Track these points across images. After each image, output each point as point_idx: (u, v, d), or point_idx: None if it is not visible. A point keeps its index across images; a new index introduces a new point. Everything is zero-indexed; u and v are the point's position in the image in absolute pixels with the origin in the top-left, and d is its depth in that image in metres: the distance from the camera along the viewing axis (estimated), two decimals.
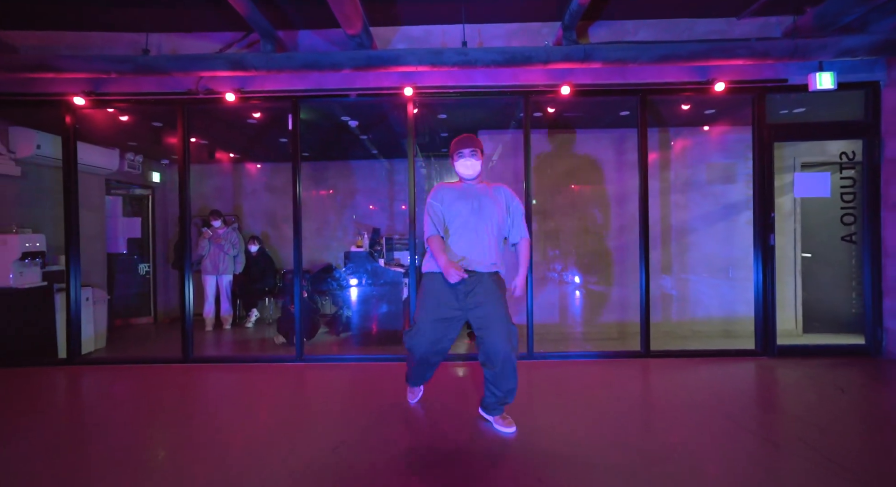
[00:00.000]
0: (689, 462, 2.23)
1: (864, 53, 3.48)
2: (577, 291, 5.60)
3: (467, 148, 2.63)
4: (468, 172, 2.65)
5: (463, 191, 2.63)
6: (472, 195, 2.61)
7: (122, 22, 3.93)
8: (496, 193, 2.67)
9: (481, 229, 2.56)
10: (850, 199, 4.11)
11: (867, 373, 3.57)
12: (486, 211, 2.58)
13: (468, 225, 2.55)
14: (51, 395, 3.50)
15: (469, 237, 2.55)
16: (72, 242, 4.19)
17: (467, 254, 2.54)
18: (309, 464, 2.24)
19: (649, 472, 2.14)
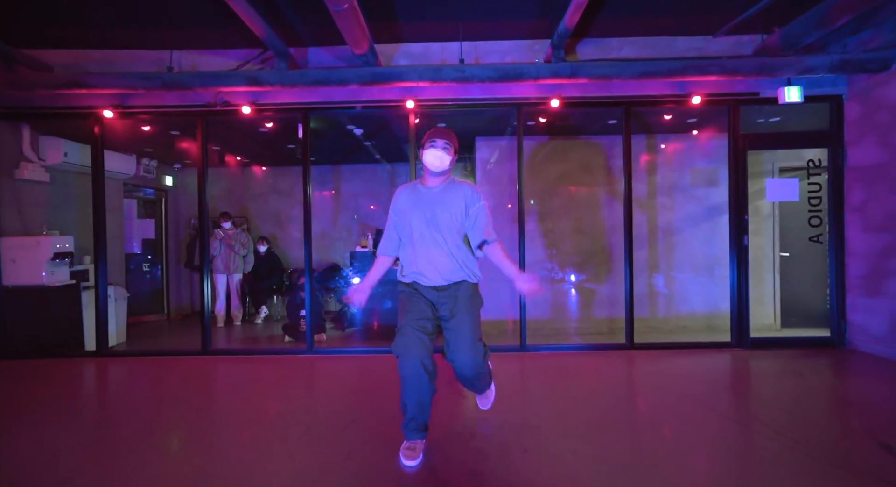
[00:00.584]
0: (655, 434, 2.58)
1: (824, 71, 3.83)
2: (569, 288, 5.95)
3: (441, 139, 2.38)
4: (435, 164, 2.37)
5: (419, 197, 2.42)
6: (428, 203, 2.39)
7: (147, 41, 4.27)
8: (455, 195, 2.40)
9: (439, 241, 2.35)
10: (817, 203, 4.46)
11: (830, 362, 3.92)
12: (442, 221, 2.35)
13: (424, 239, 2.36)
14: (90, 382, 3.85)
15: (427, 252, 2.36)
16: (100, 243, 4.53)
17: (426, 270, 2.36)
18: (323, 438, 2.58)
19: (619, 440, 2.49)
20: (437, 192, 2.42)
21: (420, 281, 2.40)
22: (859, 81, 4.15)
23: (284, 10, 3.75)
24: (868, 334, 4.10)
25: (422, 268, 2.36)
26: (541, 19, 3.98)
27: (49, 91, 3.96)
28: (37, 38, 4.12)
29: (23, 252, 4.45)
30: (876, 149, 4.00)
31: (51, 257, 4.51)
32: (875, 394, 3.18)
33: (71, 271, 4.79)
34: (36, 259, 4.46)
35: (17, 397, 3.38)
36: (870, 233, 4.07)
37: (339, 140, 6.19)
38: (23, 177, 4.68)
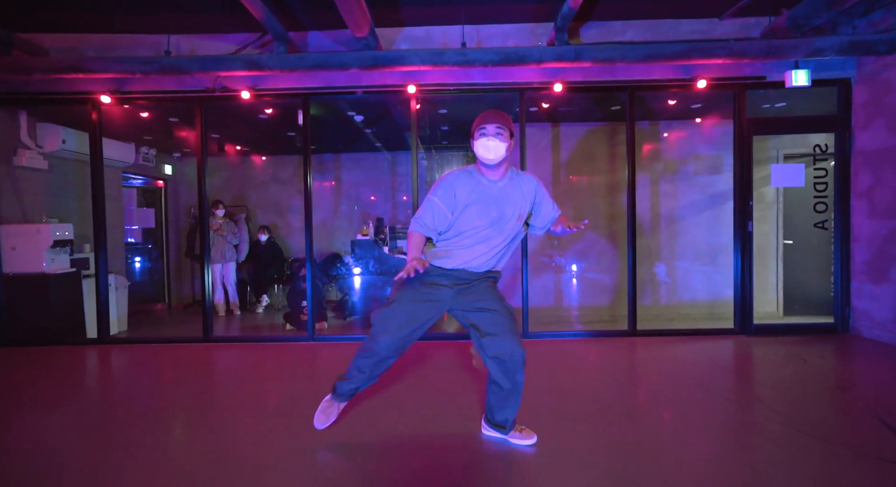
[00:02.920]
0: (660, 418, 2.56)
1: (834, 53, 3.76)
2: (571, 276, 5.93)
3: (492, 123, 2.07)
4: (489, 156, 2.07)
5: (483, 190, 2.12)
6: (494, 200, 2.12)
7: (145, 25, 4.21)
8: (521, 190, 2.18)
9: (496, 243, 2.15)
10: (823, 188, 4.41)
11: (833, 347, 3.91)
12: (509, 220, 2.13)
13: (480, 237, 2.13)
14: (92, 368, 3.84)
15: (480, 250, 2.14)
16: (99, 231, 4.51)
17: (471, 263, 2.16)
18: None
19: (626, 425, 2.48)
20: (502, 186, 2.14)
21: (457, 269, 2.16)
22: (868, 64, 4.08)
23: None
24: (872, 320, 4.08)
25: (469, 262, 2.15)
26: (544, 2, 3.91)
27: (46, 75, 3.91)
28: (33, 21, 4.06)
29: (23, 240, 4.43)
30: (884, 133, 3.95)
31: (51, 244, 4.48)
32: (879, 378, 3.17)
33: (71, 259, 4.77)
34: (36, 247, 4.43)
35: (19, 383, 3.38)
36: (876, 219, 4.03)
37: (340, 128, 6.14)
38: (21, 164, 4.64)
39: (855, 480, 1.91)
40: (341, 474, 2.07)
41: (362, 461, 2.15)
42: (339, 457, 2.19)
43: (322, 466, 2.12)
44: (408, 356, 3.59)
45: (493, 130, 2.06)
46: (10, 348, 4.31)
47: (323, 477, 2.02)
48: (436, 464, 2.09)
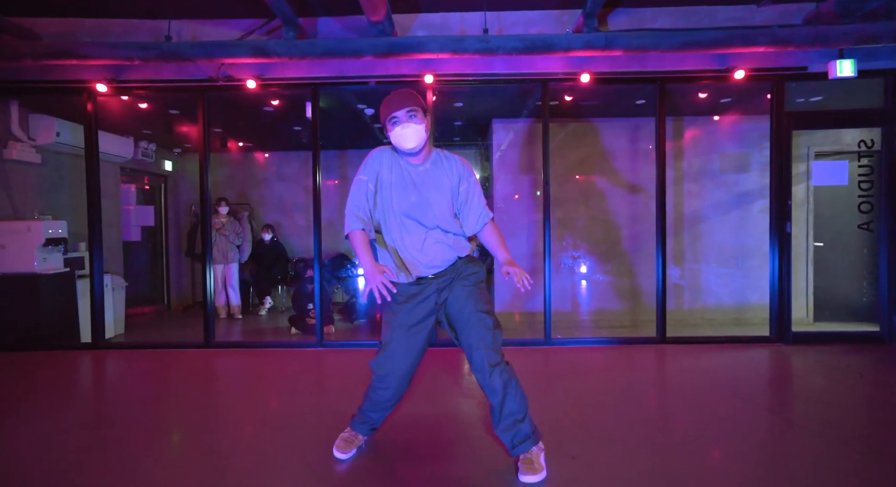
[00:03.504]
0: (711, 440, 2.28)
1: (890, 40, 3.48)
2: (590, 279, 5.65)
3: (402, 108, 1.85)
4: (410, 145, 1.87)
5: (403, 175, 1.93)
6: (413, 184, 1.92)
7: (143, 9, 3.94)
8: (445, 172, 1.97)
9: (424, 229, 1.93)
10: (868, 187, 4.13)
11: (884, 358, 3.62)
12: (433, 211, 1.92)
13: (406, 227, 1.92)
14: (83, 377, 3.57)
15: (414, 239, 1.92)
16: (94, 229, 4.24)
17: (416, 258, 1.92)
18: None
19: (674, 447, 2.20)
20: (423, 170, 1.95)
21: (402, 280, 1.93)
22: None
23: None
24: None
25: (411, 256, 1.92)
26: None
27: (37, 61, 3.63)
28: (24, 4, 3.79)
29: (13, 238, 4.16)
30: None
31: (43, 243, 4.21)
32: None
33: (65, 259, 4.50)
34: (27, 245, 4.17)
35: (9, 390, 3.10)
36: None
37: (347, 123, 5.87)
38: (11, 157, 4.37)
39: None
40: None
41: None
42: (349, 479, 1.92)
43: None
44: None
45: (404, 115, 1.85)
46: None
47: None
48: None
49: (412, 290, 1.95)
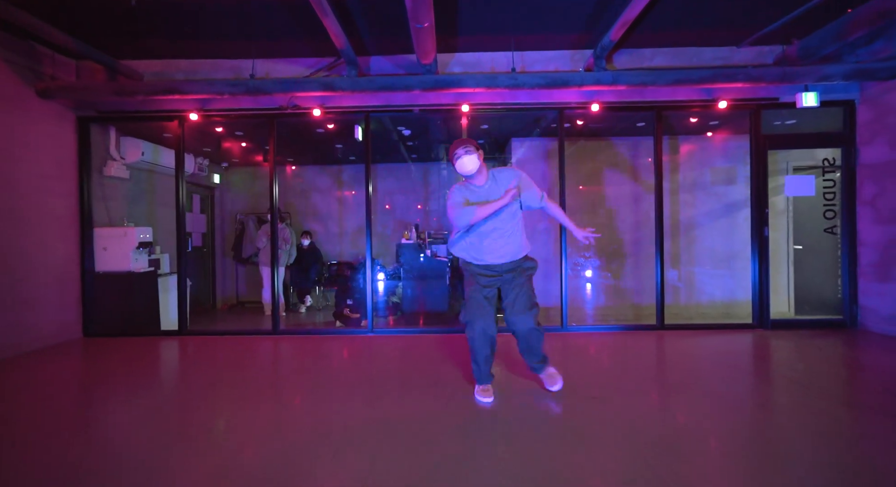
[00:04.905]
0: (698, 393, 3.04)
1: (840, 79, 4.29)
2: (598, 278, 6.41)
3: (460, 148, 2.74)
4: (469, 168, 2.74)
5: (475, 195, 2.80)
6: (486, 199, 2.78)
7: (226, 50, 4.75)
8: (503, 182, 2.83)
9: (508, 231, 2.82)
10: (831, 197, 4.91)
11: (843, 339, 4.38)
12: (504, 214, 2.80)
13: (495, 231, 2.80)
14: (185, 355, 4.31)
15: (499, 242, 2.82)
16: (181, 236, 5.01)
17: (500, 256, 2.84)
18: (408, 393, 3.05)
19: (668, 393, 2.95)
20: (487, 187, 2.83)
21: (485, 262, 2.85)
22: (870, 88, 4.61)
23: (359, 24, 4.22)
24: (879, 315, 4.55)
25: (486, 256, 2.83)
26: (584, 33, 4.45)
27: (147, 97, 4.43)
28: (133, 49, 4.60)
29: (112, 241, 4.93)
30: (886, 148, 4.46)
31: (136, 246, 4.98)
32: (882, 359, 3.65)
33: (149, 260, 5.26)
34: (123, 248, 4.93)
35: (128, 368, 3.85)
36: (880, 225, 4.53)
37: (380, 142, 6.66)
38: (109, 174, 5.16)
39: (860, 430, 2.38)
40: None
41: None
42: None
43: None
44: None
45: (462, 152, 2.74)
46: (100, 338, 4.79)
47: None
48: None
49: (486, 271, 2.87)
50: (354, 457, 2.16)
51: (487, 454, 2.18)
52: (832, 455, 2.12)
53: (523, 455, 2.16)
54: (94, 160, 5.03)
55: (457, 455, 2.16)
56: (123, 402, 2.96)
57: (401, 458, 2.14)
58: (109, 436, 2.47)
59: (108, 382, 3.41)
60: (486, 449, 2.23)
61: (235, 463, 2.12)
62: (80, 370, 3.79)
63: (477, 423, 2.54)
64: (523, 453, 2.18)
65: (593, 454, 2.17)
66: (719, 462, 2.11)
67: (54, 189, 4.58)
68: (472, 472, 2.02)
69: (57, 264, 4.58)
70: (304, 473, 2.03)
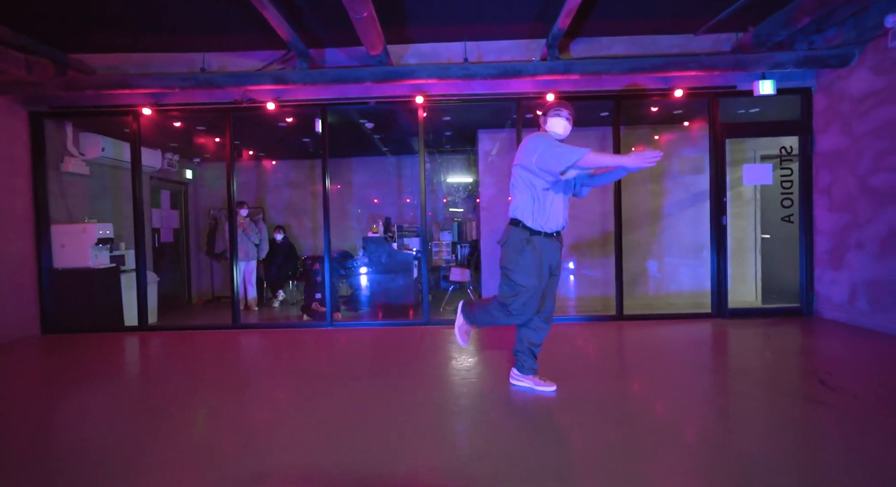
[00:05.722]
0: (635, 378, 3.05)
1: (792, 66, 4.26)
2: (565, 269, 6.41)
3: (566, 109, 2.67)
4: (561, 132, 2.68)
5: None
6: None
7: (179, 44, 4.71)
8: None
9: (568, 195, 2.74)
10: (789, 186, 4.90)
11: (795, 326, 4.39)
12: (571, 182, 2.72)
13: (560, 198, 2.68)
14: (144, 350, 4.33)
15: (560, 202, 2.68)
16: (139, 231, 5.00)
17: (560, 222, 2.69)
18: (351, 387, 3.06)
19: (613, 386, 2.96)
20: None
21: (546, 229, 2.64)
22: (825, 75, 4.58)
23: (306, 16, 4.18)
24: (832, 303, 4.56)
25: (551, 221, 2.65)
26: (537, 22, 4.41)
27: (96, 91, 4.41)
28: (83, 43, 4.56)
29: (70, 238, 4.92)
30: (839, 136, 4.44)
31: (95, 242, 4.97)
32: (825, 348, 3.67)
33: (110, 256, 5.25)
34: (82, 244, 4.93)
35: (81, 365, 3.86)
36: (834, 212, 4.52)
37: (350, 134, 6.63)
38: (67, 170, 5.14)
39: (784, 412, 2.39)
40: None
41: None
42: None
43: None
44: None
45: (567, 115, 2.69)
46: (59, 334, 4.80)
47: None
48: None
49: (550, 245, 2.69)
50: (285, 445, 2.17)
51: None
52: (731, 441, 2.12)
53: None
54: (51, 156, 5.01)
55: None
56: (67, 398, 2.97)
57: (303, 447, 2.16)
58: (54, 432, 2.48)
59: (53, 378, 3.42)
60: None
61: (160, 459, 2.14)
62: (29, 366, 3.80)
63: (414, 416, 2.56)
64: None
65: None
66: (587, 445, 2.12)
67: (7, 185, 4.57)
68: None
69: (11, 261, 4.57)
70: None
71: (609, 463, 1.95)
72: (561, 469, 1.90)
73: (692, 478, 1.84)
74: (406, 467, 1.96)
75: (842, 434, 2.16)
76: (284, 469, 1.97)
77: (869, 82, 4.06)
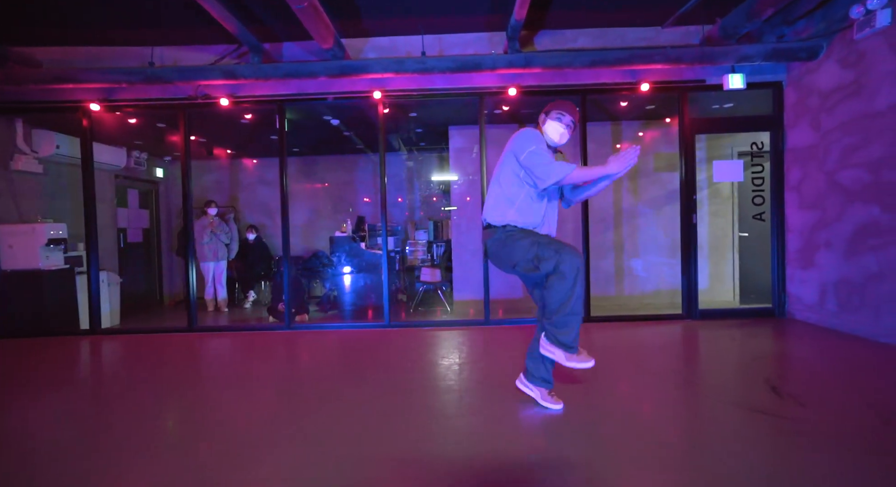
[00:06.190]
0: (593, 385, 2.91)
1: (760, 59, 4.10)
2: None
3: (570, 116, 2.38)
4: (557, 140, 2.41)
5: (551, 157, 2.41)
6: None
7: (130, 38, 4.55)
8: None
9: (555, 203, 2.54)
10: (760, 183, 4.75)
11: (764, 328, 4.24)
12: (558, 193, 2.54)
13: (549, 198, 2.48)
14: (78, 357, 4.18)
15: (548, 209, 2.48)
16: (90, 230, 4.85)
17: (550, 224, 2.51)
18: (293, 392, 2.91)
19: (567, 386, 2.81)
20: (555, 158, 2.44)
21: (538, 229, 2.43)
22: (796, 69, 4.43)
23: (255, 9, 4.02)
24: (802, 303, 4.41)
25: (542, 225, 2.44)
26: (495, 13, 4.25)
27: (39, 86, 4.25)
28: (27, 35, 4.40)
29: (19, 239, 4.76)
30: (809, 131, 4.29)
31: (45, 243, 4.81)
32: (787, 351, 3.52)
33: (65, 257, 5.10)
34: (31, 245, 4.77)
35: (16, 370, 3.72)
36: (804, 210, 4.37)
37: (322, 131, 6.48)
38: (17, 168, 4.98)
39: (727, 424, 2.25)
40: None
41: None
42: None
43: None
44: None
45: (570, 121, 2.39)
46: (10, 338, 4.65)
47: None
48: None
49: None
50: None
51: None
52: (646, 454, 1.98)
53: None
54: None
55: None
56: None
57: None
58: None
59: None
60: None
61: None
62: None
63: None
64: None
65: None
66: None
67: None
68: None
69: None
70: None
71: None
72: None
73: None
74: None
75: (770, 447, 2.01)
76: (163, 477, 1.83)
77: (837, 76, 3.91)
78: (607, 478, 1.82)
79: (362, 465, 1.96)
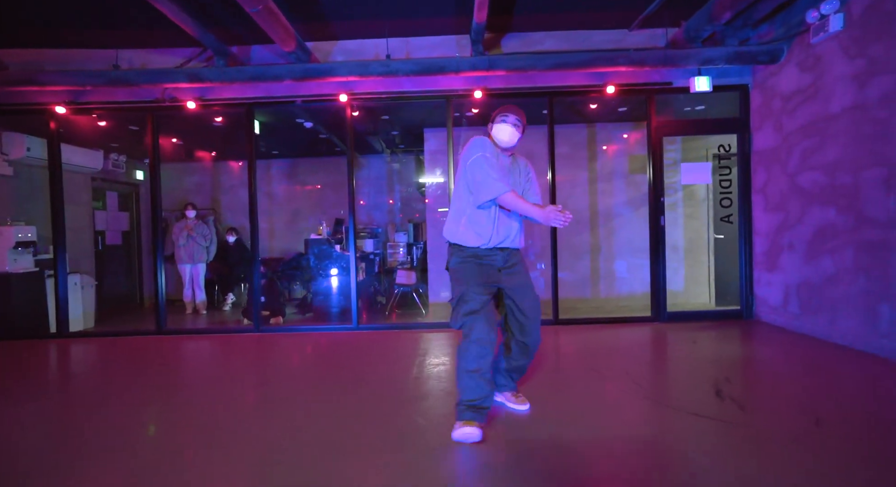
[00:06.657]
0: (547, 387, 2.90)
1: (722, 62, 4.11)
2: None
3: (513, 115, 2.39)
4: (507, 140, 2.38)
5: (501, 163, 2.40)
6: (507, 171, 2.42)
7: (97, 40, 4.55)
8: (522, 166, 2.52)
9: (511, 215, 2.42)
10: (727, 185, 4.75)
11: (728, 330, 4.24)
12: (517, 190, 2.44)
13: (500, 211, 2.38)
14: (48, 360, 4.17)
15: (507, 222, 2.40)
16: (58, 232, 4.84)
17: (506, 239, 2.40)
18: (243, 393, 2.91)
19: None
20: (510, 162, 2.46)
21: (487, 245, 2.37)
22: (760, 72, 4.43)
23: (215, 11, 4.02)
24: (768, 305, 4.41)
25: (493, 236, 2.36)
26: (459, 16, 4.26)
27: (4, 88, 4.25)
28: None
29: None
30: (772, 134, 4.29)
31: (13, 245, 4.81)
32: (745, 353, 3.52)
33: (36, 260, 5.09)
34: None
35: None
36: (769, 212, 4.37)
37: (297, 134, 6.48)
38: None
39: (661, 426, 2.24)
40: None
41: None
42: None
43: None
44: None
45: (513, 121, 2.39)
46: None
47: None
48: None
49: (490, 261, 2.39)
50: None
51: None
52: (588, 459, 1.97)
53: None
54: None
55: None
56: None
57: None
58: None
59: None
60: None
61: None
62: None
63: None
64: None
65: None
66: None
67: None
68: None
69: None
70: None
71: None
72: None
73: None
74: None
75: (705, 452, 2.00)
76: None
77: (796, 79, 3.92)
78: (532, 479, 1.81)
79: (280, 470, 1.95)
